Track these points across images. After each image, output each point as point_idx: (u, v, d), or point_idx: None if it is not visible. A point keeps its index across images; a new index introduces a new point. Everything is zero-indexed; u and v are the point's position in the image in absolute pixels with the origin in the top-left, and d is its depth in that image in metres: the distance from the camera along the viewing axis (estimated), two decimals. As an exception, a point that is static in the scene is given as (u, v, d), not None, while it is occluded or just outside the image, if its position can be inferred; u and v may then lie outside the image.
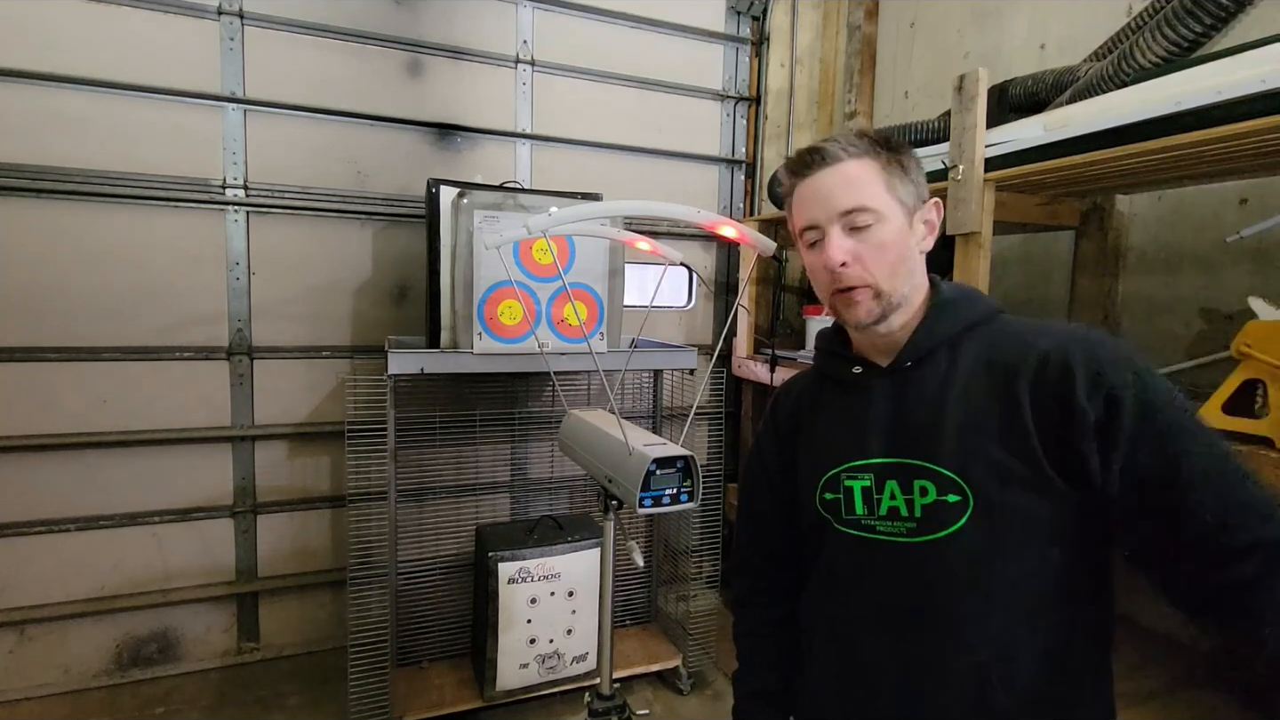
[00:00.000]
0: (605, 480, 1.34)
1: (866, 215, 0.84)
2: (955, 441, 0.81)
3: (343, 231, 2.47)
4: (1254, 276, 1.68)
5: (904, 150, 0.88)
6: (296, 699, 2.27)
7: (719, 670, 2.47)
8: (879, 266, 0.85)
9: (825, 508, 0.91)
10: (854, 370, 0.93)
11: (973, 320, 0.87)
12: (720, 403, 2.84)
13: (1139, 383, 0.72)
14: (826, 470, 0.91)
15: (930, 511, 0.82)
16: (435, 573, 2.37)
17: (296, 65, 2.36)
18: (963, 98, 1.61)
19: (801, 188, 0.89)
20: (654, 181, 2.92)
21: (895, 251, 0.85)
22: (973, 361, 0.84)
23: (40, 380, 2.17)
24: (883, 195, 0.85)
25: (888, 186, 0.85)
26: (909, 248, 0.87)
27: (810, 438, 0.98)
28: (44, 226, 2.14)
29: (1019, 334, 0.84)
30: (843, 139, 0.87)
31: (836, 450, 0.91)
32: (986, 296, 0.92)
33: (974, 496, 0.79)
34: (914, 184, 0.88)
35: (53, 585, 2.24)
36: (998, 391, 0.81)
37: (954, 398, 0.83)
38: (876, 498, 0.86)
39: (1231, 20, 1.35)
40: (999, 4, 2.36)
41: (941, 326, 0.87)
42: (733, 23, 3.00)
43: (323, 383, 2.48)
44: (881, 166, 0.86)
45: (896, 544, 0.84)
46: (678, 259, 1.61)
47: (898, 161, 0.87)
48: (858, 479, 0.88)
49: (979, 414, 0.81)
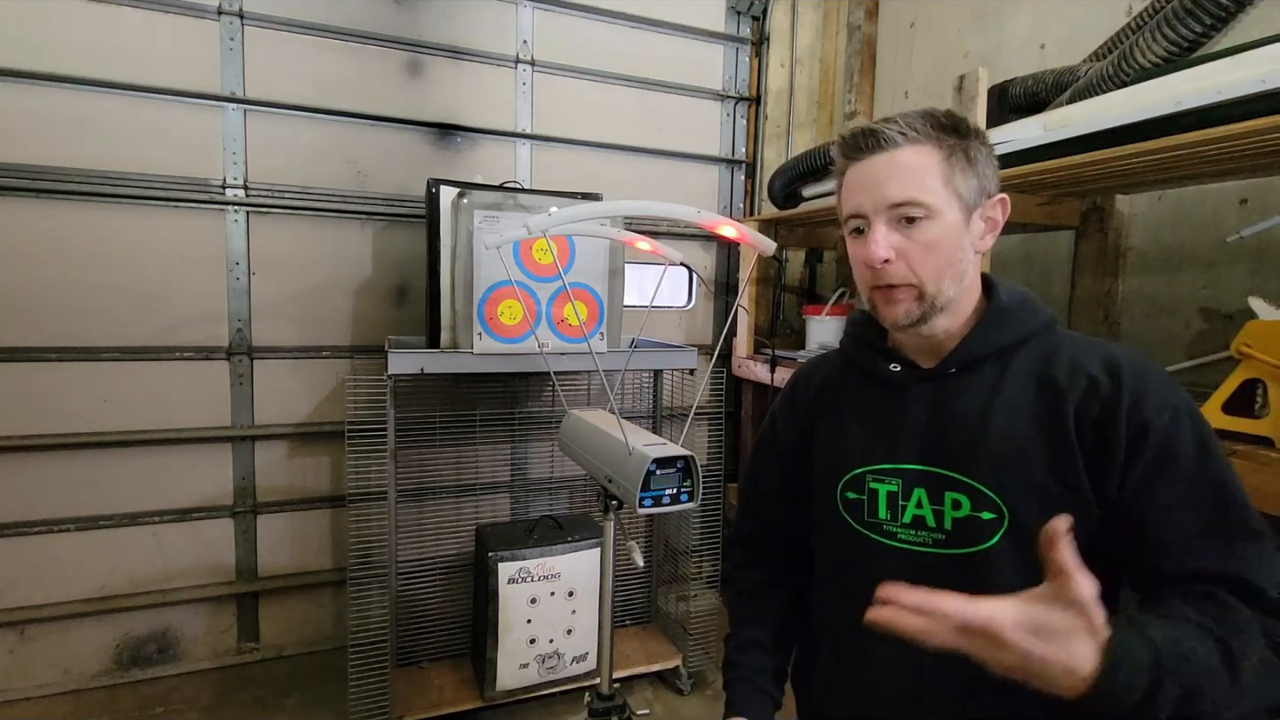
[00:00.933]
0: (605, 480, 1.34)
1: (917, 209, 0.77)
2: (997, 459, 0.78)
3: (343, 231, 2.47)
4: (1254, 276, 1.68)
5: (974, 137, 0.80)
6: (296, 699, 2.27)
7: (719, 670, 2.46)
8: (925, 266, 0.79)
9: (846, 507, 0.88)
10: (891, 367, 0.88)
11: (1027, 333, 0.82)
12: (720, 403, 2.84)
13: (1174, 422, 0.73)
14: (851, 468, 0.88)
15: (962, 526, 0.79)
16: (435, 573, 2.37)
17: (296, 65, 2.36)
18: (963, 98, 1.62)
19: (852, 171, 0.82)
20: (654, 181, 2.92)
21: (946, 251, 0.79)
22: (1023, 377, 0.80)
23: (40, 380, 2.17)
24: (939, 189, 0.78)
25: (946, 179, 0.78)
26: (962, 247, 0.80)
27: (834, 430, 0.93)
28: (44, 226, 2.13)
29: (1072, 352, 0.80)
30: (903, 120, 0.79)
31: (864, 449, 0.88)
32: (1044, 305, 0.86)
33: (1010, 516, 0.77)
34: (979, 176, 0.80)
35: (53, 585, 2.23)
36: (1046, 412, 0.77)
37: (1000, 413, 0.79)
38: (902, 504, 0.83)
39: (1231, 20, 1.35)
40: (999, 4, 2.36)
41: (996, 335, 0.82)
42: (733, 23, 3.00)
43: (323, 383, 2.48)
44: (944, 156, 0.78)
45: (919, 553, 0.82)
46: (678, 259, 1.61)
47: (963, 150, 0.79)
48: (884, 483, 0.85)
49: (1025, 433, 0.78)
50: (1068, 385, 0.77)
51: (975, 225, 0.82)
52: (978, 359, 0.82)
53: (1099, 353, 0.78)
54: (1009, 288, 0.86)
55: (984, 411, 0.80)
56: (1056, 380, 0.78)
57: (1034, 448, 0.77)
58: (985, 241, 0.83)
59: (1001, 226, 0.84)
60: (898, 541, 0.84)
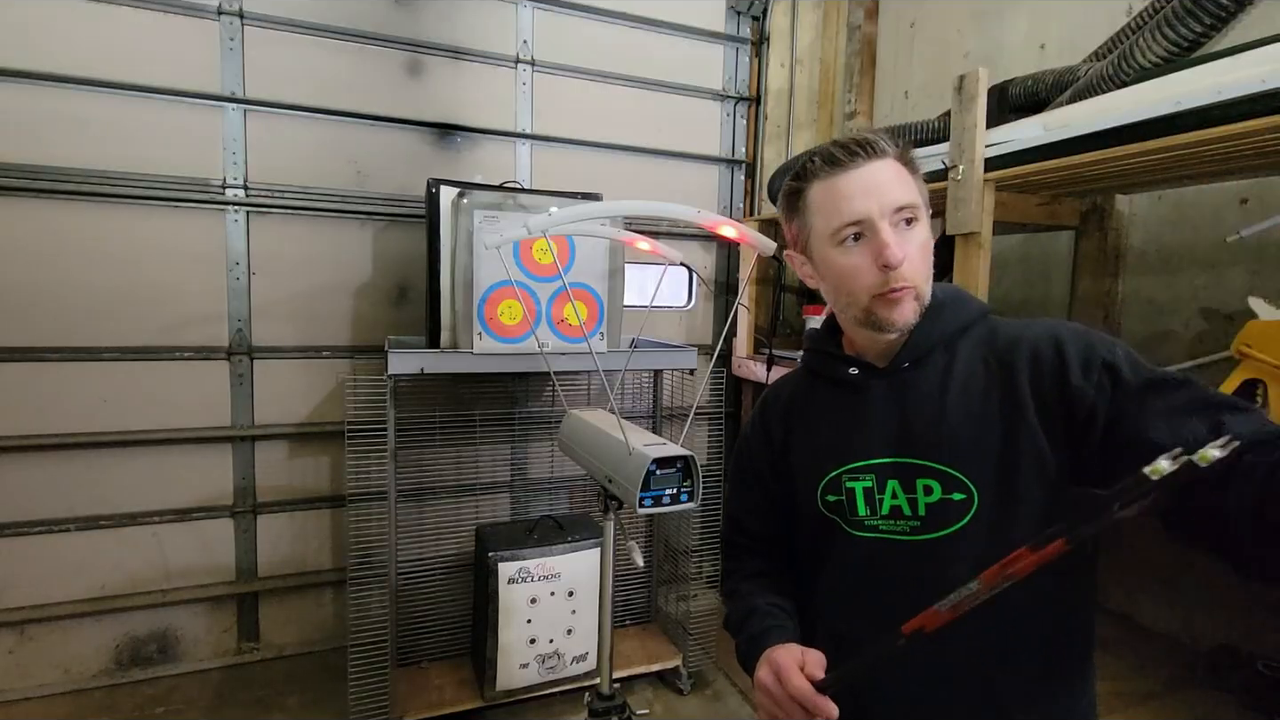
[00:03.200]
0: (605, 480, 1.34)
1: (915, 211, 0.83)
2: (958, 440, 0.82)
3: (343, 231, 2.47)
4: (1254, 276, 1.68)
5: (911, 153, 0.88)
6: (296, 699, 2.27)
7: (719, 670, 2.47)
8: (921, 268, 0.84)
9: (829, 509, 0.91)
10: (850, 371, 0.92)
11: (966, 321, 0.88)
12: (720, 403, 2.84)
13: (1126, 354, 0.78)
14: (827, 472, 0.91)
15: (935, 510, 0.82)
16: (435, 573, 2.36)
17: (296, 65, 2.36)
18: (963, 98, 1.62)
19: (842, 180, 0.83)
20: (654, 181, 2.92)
21: (929, 254, 0.85)
22: (969, 361, 0.85)
23: (40, 380, 2.17)
24: (918, 194, 0.84)
25: (920, 187, 0.85)
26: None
27: (806, 439, 0.97)
28: (44, 226, 2.14)
29: (1008, 332, 0.86)
30: (871, 135, 0.84)
31: (836, 451, 0.91)
32: (974, 297, 0.93)
33: (979, 493, 0.80)
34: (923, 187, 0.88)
35: (53, 585, 2.24)
36: (998, 388, 0.82)
37: (954, 396, 0.83)
38: (879, 498, 0.86)
39: (1231, 20, 1.35)
40: (999, 4, 2.36)
41: (938, 327, 0.87)
42: (733, 23, 3.00)
43: (323, 383, 2.48)
44: (911, 168, 0.85)
45: (900, 542, 0.84)
46: (678, 259, 1.61)
47: (915, 164, 0.86)
48: (859, 480, 0.88)
49: (980, 412, 0.82)
50: (1011, 358, 0.82)
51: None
52: (927, 351, 0.87)
53: (1037, 327, 0.85)
54: (942, 285, 0.91)
55: (939, 398, 0.84)
56: (1001, 357, 0.83)
57: (990, 423, 0.81)
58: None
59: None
60: (879, 534, 0.86)
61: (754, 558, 1.06)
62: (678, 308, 3.08)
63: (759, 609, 0.95)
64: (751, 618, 0.94)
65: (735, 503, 1.10)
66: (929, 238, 0.85)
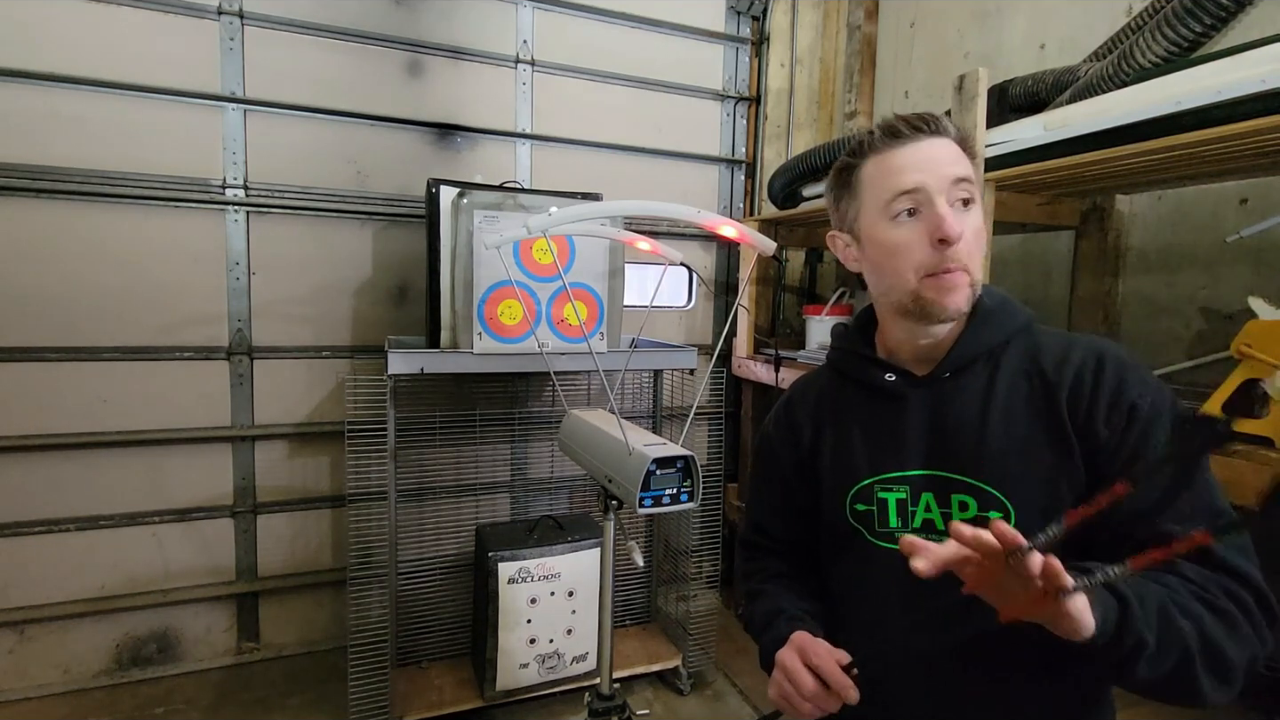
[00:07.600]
0: (605, 480, 1.34)
1: (973, 191, 0.78)
2: (999, 456, 0.78)
3: (343, 231, 2.47)
4: (1254, 276, 1.68)
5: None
6: (296, 699, 2.27)
7: (719, 670, 2.47)
8: (975, 254, 0.79)
9: (857, 519, 0.88)
10: (887, 377, 0.88)
11: (1012, 331, 0.84)
12: (720, 403, 2.84)
13: (1155, 405, 0.75)
14: (858, 480, 0.88)
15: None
16: (435, 573, 2.37)
17: (296, 65, 2.36)
18: (963, 98, 1.61)
19: (900, 153, 0.80)
20: (654, 181, 2.92)
21: (982, 242, 0.80)
22: (1013, 374, 0.81)
23: (40, 380, 2.17)
24: (975, 176, 0.80)
25: (976, 174, 0.83)
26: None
27: (836, 444, 0.93)
28: (44, 226, 2.14)
29: (1055, 346, 0.82)
30: (934, 114, 0.82)
31: (870, 460, 0.88)
32: (1021, 305, 0.88)
33: (1017, 513, 0.77)
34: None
35: (53, 585, 2.24)
36: (1040, 406, 0.79)
37: (996, 411, 0.80)
38: (911, 510, 0.84)
39: (1231, 20, 1.35)
40: (999, 4, 2.36)
41: (985, 336, 0.83)
42: (733, 22, 3.00)
43: (323, 383, 2.48)
44: (967, 152, 0.81)
45: None
46: (678, 259, 1.61)
47: (972, 149, 0.83)
48: (893, 491, 0.85)
49: (1022, 429, 0.79)
50: (1056, 377, 0.79)
51: None
52: (970, 361, 0.83)
53: (1081, 345, 0.81)
54: (989, 290, 0.86)
55: (981, 412, 0.81)
56: (1045, 374, 0.80)
57: (1033, 441, 0.78)
58: None
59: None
60: None
61: (776, 559, 1.03)
62: (678, 308, 3.08)
63: (786, 611, 0.92)
64: (778, 619, 0.92)
65: (755, 503, 1.07)
66: (983, 226, 0.81)
